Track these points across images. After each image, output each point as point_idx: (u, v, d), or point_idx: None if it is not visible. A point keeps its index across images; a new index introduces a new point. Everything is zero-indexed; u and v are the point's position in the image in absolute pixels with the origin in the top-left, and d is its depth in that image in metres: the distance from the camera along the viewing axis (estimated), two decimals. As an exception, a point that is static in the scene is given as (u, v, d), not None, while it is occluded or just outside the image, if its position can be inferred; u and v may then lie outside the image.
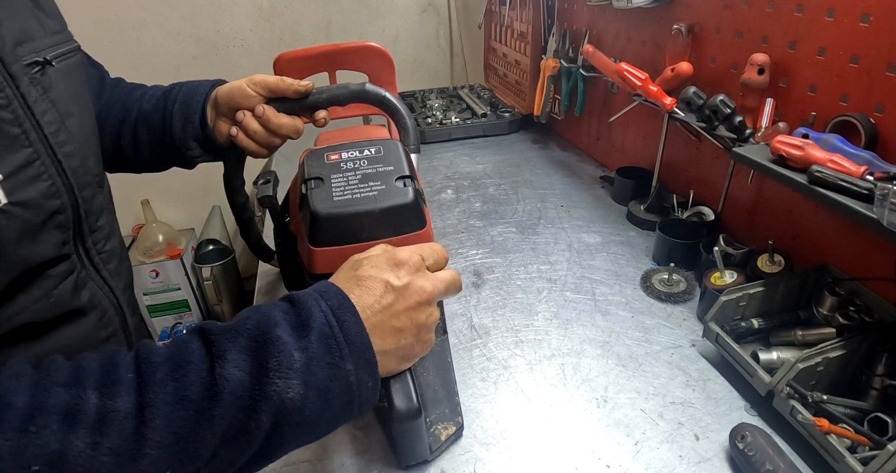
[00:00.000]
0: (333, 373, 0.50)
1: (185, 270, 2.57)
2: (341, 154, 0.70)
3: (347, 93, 0.81)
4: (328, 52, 0.90)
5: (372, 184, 0.66)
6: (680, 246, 1.19)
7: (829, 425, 0.73)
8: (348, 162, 0.69)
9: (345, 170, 0.68)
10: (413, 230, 0.67)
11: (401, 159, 0.70)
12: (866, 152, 0.84)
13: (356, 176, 0.67)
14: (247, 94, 0.84)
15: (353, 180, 0.66)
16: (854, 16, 0.87)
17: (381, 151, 0.70)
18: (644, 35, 1.41)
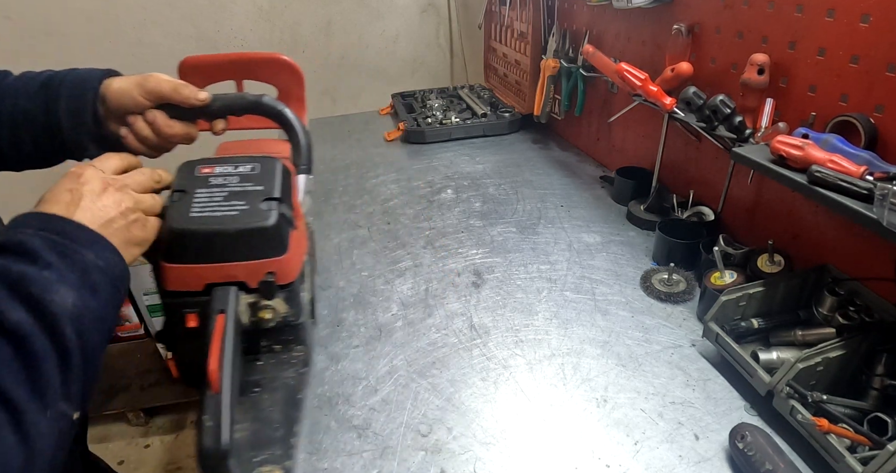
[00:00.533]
0: (83, 266, 0.57)
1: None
2: (214, 168, 0.68)
3: (243, 103, 0.78)
4: (235, 60, 0.87)
5: (236, 203, 0.64)
6: (680, 246, 1.19)
7: (828, 425, 0.73)
8: (219, 177, 0.67)
9: (212, 185, 0.66)
10: (270, 256, 0.64)
11: (274, 180, 0.67)
12: (866, 152, 0.84)
13: (222, 192, 0.65)
14: (137, 102, 0.79)
15: (217, 196, 0.64)
16: (854, 16, 0.87)
17: (256, 169, 0.68)
18: (644, 35, 1.41)
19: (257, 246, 0.63)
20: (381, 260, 1.32)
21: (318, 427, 0.89)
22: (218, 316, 0.61)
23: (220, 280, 0.64)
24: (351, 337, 1.08)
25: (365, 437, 0.87)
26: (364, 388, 0.96)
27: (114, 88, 0.79)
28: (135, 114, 0.79)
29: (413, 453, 0.84)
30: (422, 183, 1.69)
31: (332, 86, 2.74)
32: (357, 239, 1.41)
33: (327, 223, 1.50)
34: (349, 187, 1.70)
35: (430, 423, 0.88)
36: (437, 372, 0.98)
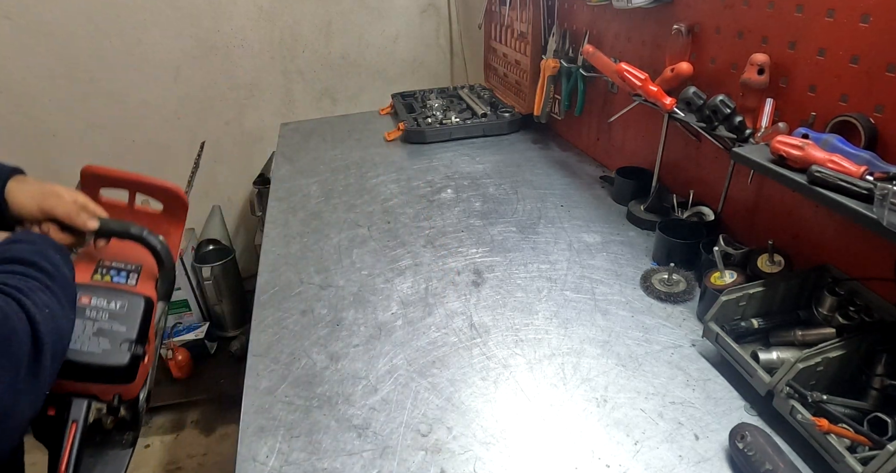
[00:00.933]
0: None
1: (186, 270, 2.57)
2: (91, 299, 0.80)
3: (129, 233, 0.87)
4: (134, 180, 0.95)
5: (101, 340, 0.78)
6: (680, 246, 1.19)
7: (828, 425, 0.73)
8: (93, 310, 0.80)
9: (87, 317, 0.79)
10: (120, 383, 0.81)
11: (136, 322, 0.81)
12: (866, 152, 0.84)
13: (94, 327, 0.79)
14: (33, 216, 0.84)
15: (88, 330, 0.78)
16: (854, 16, 0.87)
17: (125, 308, 0.81)
18: (644, 35, 1.41)
19: (112, 376, 0.79)
20: (380, 259, 1.32)
21: (317, 427, 0.89)
22: (71, 424, 0.78)
23: (79, 392, 0.79)
24: (351, 337, 1.08)
25: (365, 437, 0.87)
26: (364, 388, 0.96)
27: (13, 199, 0.83)
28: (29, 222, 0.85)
29: (413, 453, 0.84)
30: (422, 182, 1.69)
31: (332, 86, 2.74)
32: (357, 239, 1.41)
33: (327, 222, 1.50)
34: (349, 187, 1.70)
35: (429, 423, 0.88)
36: (437, 372, 0.98)
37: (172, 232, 0.97)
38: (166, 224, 0.98)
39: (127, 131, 2.58)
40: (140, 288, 0.85)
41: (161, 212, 0.98)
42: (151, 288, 0.88)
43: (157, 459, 2.34)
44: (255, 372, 1.01)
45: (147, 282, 0.88)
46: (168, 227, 0.97)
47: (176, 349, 2.47)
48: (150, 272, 0.88)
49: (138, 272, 0.87)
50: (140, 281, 0.87)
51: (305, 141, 2.12)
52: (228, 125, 2.70)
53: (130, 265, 0.87)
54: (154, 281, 0.90)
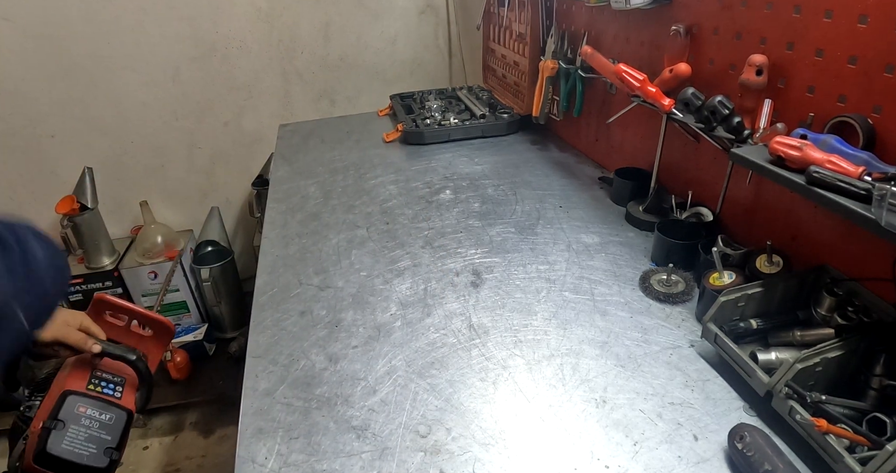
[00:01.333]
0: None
1: (184, 271, 2.57)
2: (87, 409, 0.96)
3: (125, 357, 1.03)
4: (134, 311, 1.12)
5: (90, 446, 0.94)
6: (678, 246, 1.19)
7: (827, 425, 0.73)
8: (87, 419, 0.96)
9: (81, 424, 0.95)
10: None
11: (118, 433, 0.98)
12: (864, 153, 0.84)
13: (87, 433, 0.95)
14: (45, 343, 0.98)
15: (81, 436, 0.94)
16: (852, 17, 0.87)
17: (111, 420, 0.98)
18: (642, 36, 1.41)
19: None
20: (379, 260, 1.31)
21: (316, 429, 0.89)
22: None
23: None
24: (349, 338, 1.08)
25: (364, 438, 0.86)
26: (363, 389, 0.96)
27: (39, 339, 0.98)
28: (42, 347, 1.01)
29: (412, 454, 0.83)
30: (420, 183, 1.69)
31: (330, 87, 2.74)
32: (356, 240, 1.41)
33: (326, 224, 1.50)
34: (348, 188, 1.70)
35: (429, 424, 0.88)
36: (436, 373, 0.98)
37: (156, 352, 1.13)
38: (152, 345, 1.13)
39: (125, 132, 2.58)
40: (124, 401, 1.02)
41: (150, 335, 1.14)
42: (132, 400, 1.05)
43: (156, 461, 2.34)
44: (253, 373, 1.01)
45: (129, 394, 1.04)
46: (153, 348, 1.13)
47: (175, 350, 2.47)
48: (132, 384, 1.05)
49: (123, 384, 1.03)
50: (125, 393, 1.03)
51: (304, 142, 2.12)
52: (227, 126, 2.70)
53: (118, 377, 1.03)
54: (134, 393, 1.06)
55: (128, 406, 1.03)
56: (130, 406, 1.03)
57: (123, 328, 1.12)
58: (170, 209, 2.81)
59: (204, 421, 2.51)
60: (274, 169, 1.91)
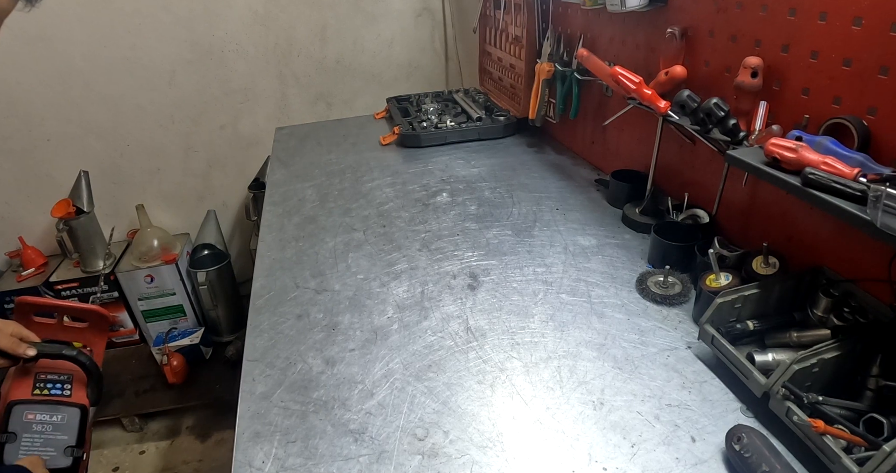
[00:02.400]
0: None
1: (181, 275, 2.56)
2: (36, 415, 0.96)
3: (62, 355, 1.01)
4: (60, 306, 1.10)
5: (48, 449, 0.95)
6: (675, 248, 1.19)
7: (824, 426, 0.73)
8: (39, 424, 0.95)
9: (34, 431, 0.95)
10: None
11: (75, 431, 0.98)
12: (859, 154, 0.84)
13: (41, 438, 0.95)
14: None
15: (37, 442, 0.94)
16: (846, 19, 0.87)
17: (64, 419, 0.97)
18: (638, 39, 1.42)
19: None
20: (376, 263, 1.31)
21: (313, 432, 0.88)
22: None
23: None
24: (346, 341, 1.07)
25: (361, 442, 0.86)
26: (360, 392, 0.95)
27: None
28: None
29: (409, 457, 0.83)
30: (417, 186, 1.69)
31: (327, 90, 2.74)
32: (352, 243, 1.41)
33: (322, 227, 1.49)
34: (344, 191, 1.70)
35: (426, 427, 0.88)
36: (434, 375, 0.98)
37: (97, 341, 1.12)
38: (91, 335, 1.13)
39: (121, 136, 2.57)
40: (75, 397, 1.01)
41: (87, 326, 1.13)
42: (83, 394, 1.03)
43: (153, 465, 2.33)
44: (250, 377, 1.00)
45: (79, 389, 1.03)
46: (93, 338, 1.13)
47: (171, 354, 2.46)
48: (80, 379, 1.03)
49: (71, 381, 1.02)
50: (74, 390, 1.02)
51: (300, 145, 2.12)
52: (223, 129, 2.70)
53: (63, 375, 1.01)
54: (84, 387, 1.04)
55: (79, 402, 1.02)
56: (83, 401, 1.02)
57: (57, 325, 1.10)
58: (166, 212, 2.80)
59: (200, 425, 2.50)
60: (270, 172, 1.91)
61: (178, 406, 2.46)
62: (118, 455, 2.38)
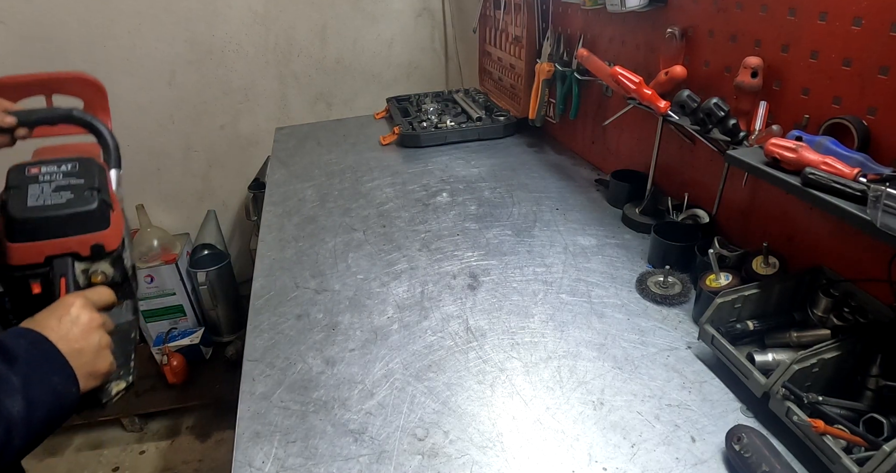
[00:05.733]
0: (45, 387, 0.66)
1: (181, 275, 2.56)
2: (41, 168, 0.82)
3: (56, 115, 0.91)
4: (43, 80, 0.99)
5: (63, 193, 0.80)
6: (675, 248, 1.19)
7: (824, 426, 0.73)
8: (45, 174, 0.82)
9: (41, 181, 0.81)
10: (96, 230, 0.81)
11: (93, 175, 0.83)
12: (859, 154, 0.84)
13: (51, 186, 0.80)
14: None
15: (47, 190, 0.80)
16: (846, 19, 0.88)
17: (75, 167, 0.83)
18: (638, 39, 1.42)
19: (85, 223, 0.80)
20: (376, 263, 1.31)
21: (313, 432, 0.88)
22: (61, 279, 0.79)
23: (57, 252, 0.79)
24: (346, 341, 1.07)
25: (361, 442, 0.86)
26: (360, 392, 0.95)
27: None
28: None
29: (409, 457, 0.83)
30: (417, 186, 1.69)
31: (327, 90, 2.74)
32: (353, 243, 1.41)
33: (322, 227, 1.49)
34: (344, 191, 1.69)
35: (426, 427, 0.88)
36: (434, 376, 0.98)
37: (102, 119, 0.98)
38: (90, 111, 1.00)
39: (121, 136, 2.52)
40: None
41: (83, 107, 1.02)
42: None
43: (153, 465, 2.33)
44: (250, 377, 1.00)
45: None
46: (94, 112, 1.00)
47: (171, 354, 2.46)
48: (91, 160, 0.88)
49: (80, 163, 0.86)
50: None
51: (300, 145, 2.12)
52: (223, 129, 2.70)
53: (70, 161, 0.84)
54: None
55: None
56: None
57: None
58: (166, 212, 2.80)
59: (200, 425, 2.50)
60: (270, 172, 1.91)
61: (178, 406, 2.46)
62: (118, 455, 2.38)
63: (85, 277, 0.82)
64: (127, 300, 0.89)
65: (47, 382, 0.67)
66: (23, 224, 0.77)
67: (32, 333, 0.69)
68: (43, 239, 0.78)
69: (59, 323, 0.72)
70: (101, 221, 0.82)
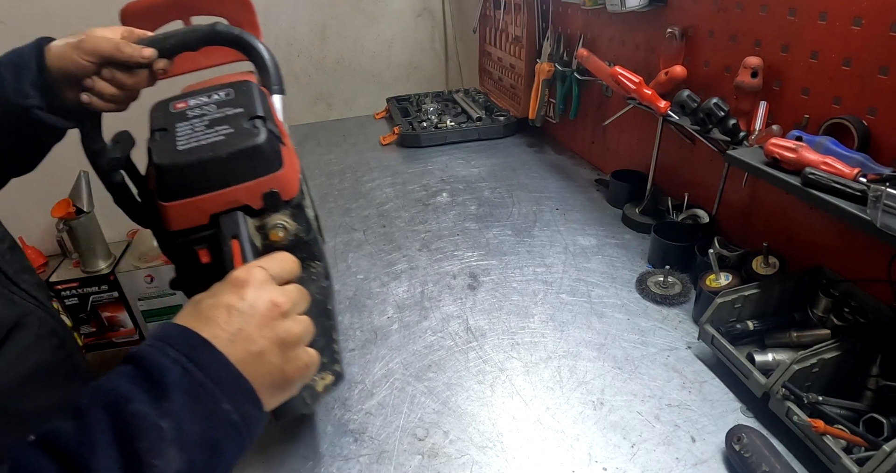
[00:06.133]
0: (212, 421, 0.46)
1: (180, 275, 2.56)
2: (188, 101, 0.65)
3: (197, 36, 0.74)
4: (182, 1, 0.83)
5: (219, 128, 0.61)
6: (675, 248, 1.19)
7: (824, 426, 0.73)
8: (195, 108, 0.64)
9: (191, 117, 0.63)
10: (268, 172, 0.62)
11: (254, 100, 0.65)
12: (859, 154, 0.84)
13: (203, 121, 0.62)
14: (81, 66, 0.74)
15: (199, 126, 0.61)
16: (846, 19, 0.87)
17: (231, 94, 0.66)
18: (638, 39, 1.42)
19: (253, 165, 0.61)
20: (376, 263, 1.31)
21: (313, 432, 0.88)
22: (232, 241, 0.59)
23: (223, 207, 0.61)
24: (346, 341, 1.07)
25: (361, 442, 0.86)
26: (360, 392, 0.95)
27: (53, 55, 0.75)
28: (86, 77, 0.75)
29: (409, 457, 0.83)
30: (417, 186, 1.69)
31: (327, 90, 2.74)
32: (353, 243, 1.41)
33: (323, 227, 1.49)
34: (344, 191, 1.69)
35: (426, 427, 0.88)
36: (434, 376, 0.98)
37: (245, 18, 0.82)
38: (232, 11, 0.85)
39: (121, 136, 2.57)
40: None
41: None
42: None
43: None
44: (250, 376, 1.00)
45: None
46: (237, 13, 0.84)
47: (171, 354, 2.45)
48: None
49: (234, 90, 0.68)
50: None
51: (300, 145, 2.12)
52: (223, 129, 2.69)
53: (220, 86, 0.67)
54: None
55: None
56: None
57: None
58: (166, 212, 2.80)
59: (200, 426, 2.50)
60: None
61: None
62: (118, 455, 2.38)
63: (261, 236, 0.64)
64: (315, 261, 0.70)
65: (214, 416, 0.46)
66: (176, 174, 0.59)
67: (188, 338, 0.48)
68: (203, 192, 0.60)
69: (227, 316, 0.50)
70: (272, 160, 0.62)
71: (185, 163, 0.59)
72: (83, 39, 0.75)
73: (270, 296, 0.53)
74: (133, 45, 0.74)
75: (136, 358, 0.46)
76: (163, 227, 0.62)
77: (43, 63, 0.75)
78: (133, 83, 0.79)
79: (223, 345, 0.48)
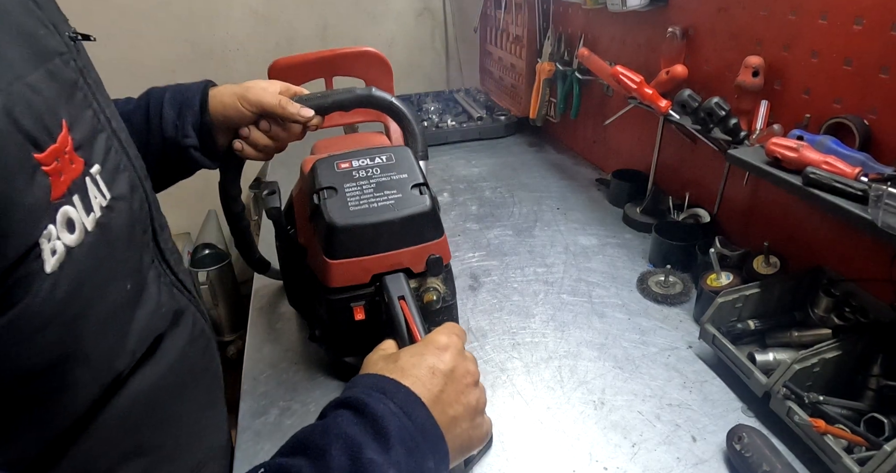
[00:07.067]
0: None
1: (181, 275, 2.56)
2: (352, 162, 0.69)
3: (353, 98, 0.78)
4: (325, 57, 0.89)
5: (388, 192, 0.65)
6: (676, 248, 1.19)
7: (825, 426, 0.73)
8: (360, 170, 0.67)
9: (357, 178, 0.66)
10: (432, 239, 0.67)
11: (414, 167, 0.69)
12: (860, 154, 0.84)
13: (370, 184, 0.65)
14: (242, 114, 0.79)
15: (367, 189, 0.65)
16: (847, 18, 0.87)
17: (392, 159, 0.69)
18: (639, 38, 1.42)
19: (419, 230, 0.65)
20: (377, 264, 1.31)
21: (314, 432, 0.88)
22: (400, 302, 0.63)
23: (387, 269, 0.65)
24: (347, 341, 1.07)
25: (362, 441, 0.86)
26: (361, 392, 0.95)
27: (216, 103, 0.78)
28: (244, 125, 0.79)
29: (410, 456, 0.83)
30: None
31: (327, 89, 2.74)
32: (353, 243, 1.40)
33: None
34: (345, 191, 1.69)
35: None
36: (434, 376, 0.98)
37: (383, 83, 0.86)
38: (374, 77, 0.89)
39: (122, 136, 2.57)
40: None
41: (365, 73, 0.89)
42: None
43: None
44: (251, 376, 1.00)
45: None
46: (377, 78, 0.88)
47: (172, 354, 2.46)
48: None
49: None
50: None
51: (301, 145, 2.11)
52: (224, 129, 2.70)
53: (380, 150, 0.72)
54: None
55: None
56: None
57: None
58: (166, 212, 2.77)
59: (201, 425, 2.50)
60: (271, 172, 1.91)
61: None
62: (119, 454, 2.38)
63: (415, 298, 0.66)
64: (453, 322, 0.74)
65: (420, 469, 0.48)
66: (348, 233, 0.63)
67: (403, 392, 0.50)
68: (370, 252, 0.64)
69: (431, 376, 0.53)
70: (435, 227, 0.68)
71: (359, 225, 0.62)
72: (248, 89, 0.78)
73: (467, 364, 0.57)
74: (294, 104, 0.78)
75: (356, 405, 0.48)
76: (322, 283, 0.65)
77: (206, 106, 0.78)
78: (286, 137, 0.83)
79: (430, 405, 0.51)
